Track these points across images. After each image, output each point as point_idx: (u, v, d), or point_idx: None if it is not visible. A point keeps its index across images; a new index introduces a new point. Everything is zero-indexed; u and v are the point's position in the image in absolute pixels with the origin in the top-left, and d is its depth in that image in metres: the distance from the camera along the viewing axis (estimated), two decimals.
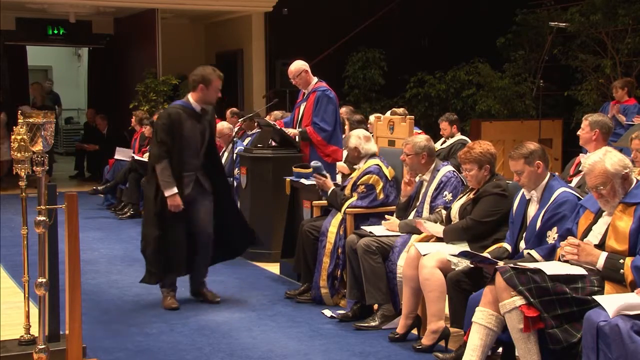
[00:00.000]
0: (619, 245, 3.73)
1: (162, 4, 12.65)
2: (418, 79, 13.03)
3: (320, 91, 7.07)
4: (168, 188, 5.38)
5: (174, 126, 5.42)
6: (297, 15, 13.00)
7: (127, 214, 9.59)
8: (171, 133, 5.41)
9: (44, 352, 3.80)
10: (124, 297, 5.97)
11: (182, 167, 5.47)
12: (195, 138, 5.51)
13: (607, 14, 11.22)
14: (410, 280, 4.73)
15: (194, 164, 5.56)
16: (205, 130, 5.59)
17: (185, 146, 5.46)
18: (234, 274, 6.64)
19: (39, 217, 3.83)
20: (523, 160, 4.30)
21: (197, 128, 5.52)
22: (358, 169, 5.79)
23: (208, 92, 5.49)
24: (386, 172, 5.66)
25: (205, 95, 5.50)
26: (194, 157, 5.55)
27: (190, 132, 5.48)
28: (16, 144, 3.76)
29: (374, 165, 5.67)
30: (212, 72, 5.51)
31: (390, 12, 13.37)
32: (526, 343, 3.75)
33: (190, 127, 5.48)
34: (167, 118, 5.47)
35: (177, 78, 12.65)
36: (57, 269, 4.16)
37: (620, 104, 9.48)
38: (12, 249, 7.19)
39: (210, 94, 5.51)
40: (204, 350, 4.70)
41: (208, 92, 5.49)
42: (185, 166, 5.49)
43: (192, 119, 5.50)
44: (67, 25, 13.88)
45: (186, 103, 5.56)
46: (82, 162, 13.97)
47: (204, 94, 5.50)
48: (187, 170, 5.51)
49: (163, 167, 5.38)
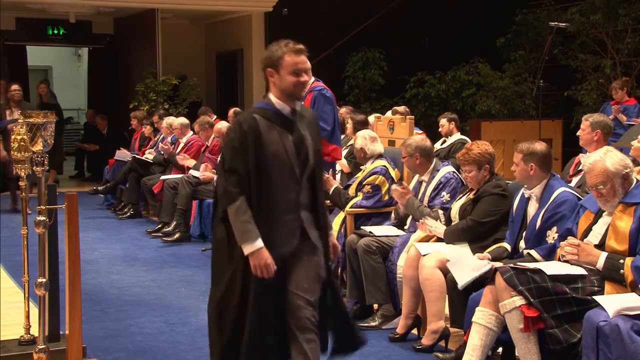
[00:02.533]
0: (619, 245, 3.73)
1: (162, 4, 12.65)
2: (418, 79, 13.03)
3: (316, 91, 7.06)
4: (248, 240, 3.34)
5: (250, 141, 3.38)
6: (297, 15, 12.99)
7: (127, 214, 9.59)
8: (245, 153, 3.38)
9: (44, 352, 3.80)
10: (124, 297, 5.97)
11: (271, 205, 3.43)
12: (287, 155, 3.43)
13: (607, 14, 11.23)
14: (410, 280, 4.73)
15: (292, 199, 3.46)
16: (303, 141, 3.48)
17: (272, 170, 3.41)
18: None
19: (39, 217, 3.83)
20: (522, 155, 4.33)
21: (288, 140, 3.44)
22: (364, 169, 5.80)
23: (281, 78, 3.45)
24: (392, 174, 5.67)
25: (281, 85, 3.47)
26: (291, 187, 3.46)
27: (277, 146, 3.42)
28: (16, 144, 3.76)
29: (380, 166, 5.68)
30: (281, 46, 3.47)
31: (390, 12, 13.37)
32: (526, 343, 3.75)
33: (277, 140, 3.43)
34: (238, 130, 3.41)
35: (177, 78, 12.66)
36: (57, 269, 4.16)
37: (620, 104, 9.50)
38: (12, 249, 7.19)
39: (284, 80, 3.44)
40: (204, 350, 4.69)
41: (281, 78, 3.45)
42: (277, 203, 3.44)
43: (280, 126, 3.45)
44: (67, 25, 13.89)
45: (267, 104, 3.51)
46: (82, 162, 13.98)
47: (279, 84, 3.47)
48: (280, 209, 3.45)
49: (238, 208, 3.35)
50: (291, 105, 3.49)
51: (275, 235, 3.41)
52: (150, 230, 8.51)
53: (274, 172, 3.41)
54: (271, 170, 3.40)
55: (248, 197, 3.36)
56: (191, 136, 9.44)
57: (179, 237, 8.03)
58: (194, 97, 12.91)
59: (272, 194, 3.41)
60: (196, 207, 8.18)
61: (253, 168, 3.36)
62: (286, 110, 3.48)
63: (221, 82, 14.81)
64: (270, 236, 3.38)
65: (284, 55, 3.42)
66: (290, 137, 3.45)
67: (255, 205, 3.37)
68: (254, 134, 3.38)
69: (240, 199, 3.35)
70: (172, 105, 12.44)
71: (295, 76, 3.41)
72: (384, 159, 5.75)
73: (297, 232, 3.46)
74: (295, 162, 3.44)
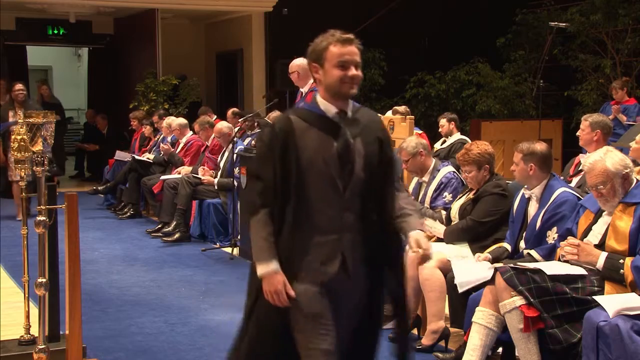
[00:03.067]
0: (619, 245, 3.73)
1: (162, 4, 12.65)
2: (418, 79, 13.03)
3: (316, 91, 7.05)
4: (262, 260, 2.85)
5: (280, 145, 2.86)
6: (297, 15, 12.99)
7: (127, 214, 9.58)
8: (273, 158, 2.86)
9: (44, 352, 3.80)
10: (124, 297, 5.97)
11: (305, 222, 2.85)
12: (326, 164, 2.86)
13: (607, 14, 11.23)
14: (410, 280, 4.71)
15: (332, 217, 2.87)
16: (349, 150, 2.88)
17: (308, 181, 2.85)
18: (234, 273, 6.64)
19: (39, 217, 3.83)
20: (521, 155, 4.33)
21: (330, 147, 2.87)
22: None
23: (326, 72, 2.91)
24: None
25: (326, 81, 2.92)
26: (332, 203, 2.86)
27: (314, 153, 2.85)
28: (16, 144, 3.76)
29: None
30: (327, 37, 2.92)
31: (390, 12, 13.37)
32: (526, 343, 3.75)
33: (316, 145, 2.86)
34: (269, 132, 2.97)
35: (177, 78, 12.66)
36: (57, 269, 4.16)
37: (620, 104, 9.50)
38: (12, 249, 7.19)
39: (329, 75, 2.90)
40: (204, 350, 4.70)
41: (326, 72, 2.91)
42: (313, 220, 2.86)
43: (321, 130, 2.89)
44: (67, 25, 13.88)
45: (311, 105, 2.99)
46: (82, 162, 13.98)
47: (324, 80, 2.93)
48: (316, 228, 2.86)
49: (258, 222, 2.87)
50: (340, 106, 2.92)
51: (307, 259, 2.83)
52: (150, 230, 8.51)
53: (309, 183, 2.85)
54: (306, 181, 2.84)
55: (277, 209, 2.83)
56: (191, 136, 9.45)
57: (179, 237, 8.03)
58: (194, 97, 12.90)
59: (306, 208, 2.84)
60: (196, 207, 8.18)
61: (283, 176, 2.83)
62: (331, 111, 2.90)
63: (221, 82, 14.81)
64: (300, 259, 2.83)
65: (328, 46, 2.89)
66: (334, 143, 2.86)
67: (285, 220, 2.83)
68: (285, 136, 2.85)
69: (262, 211, 2.84)
70: (172, 105, 12.43)
71: (342, 69, 2.86)
72: None
73: (335, 258, 2.84)
74: (336, 173, 2.85)
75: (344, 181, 2.86)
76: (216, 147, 8.73)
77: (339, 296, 2.88)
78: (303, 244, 2.85)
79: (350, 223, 2.87)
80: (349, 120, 2.92)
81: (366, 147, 2.90)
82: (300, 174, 2.84)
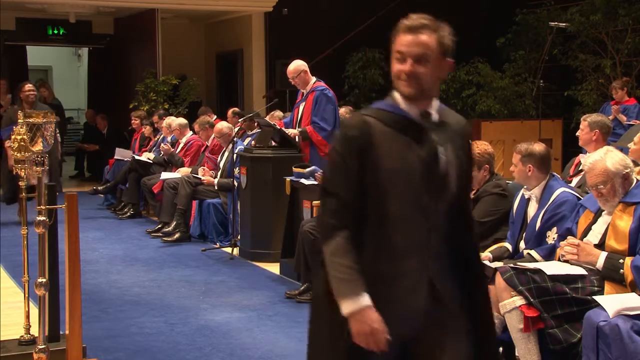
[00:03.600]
0: (619, 245, 3.73)
1: (162, 4, 12.65)
2: None
3: (318, 91, 7.08)
4: (348, 294, 2.34)
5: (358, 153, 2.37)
6: (297, 15, 13.00)
7: (127, 214, 9.58)
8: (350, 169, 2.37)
9: (44, 352, 3.79)
10: (124, 297, 5.96)
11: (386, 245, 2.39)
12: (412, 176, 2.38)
13: (607, 14, 11.23)
14: None
15: (417, 238, 2.40)
16: (437, 158, 2.40)
17: (389, 196, 2.37)
18: (234, 273, 6.64)
19: (39, 217, 3.83)
20: (520, 156, 4.34)
21: (416, 155, 2.38)
22: None
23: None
24: None
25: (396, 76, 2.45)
26: (417, 221, 2.40)
27: (399, 162, 2.37)
28: (16, 144, 3.76)
29: None
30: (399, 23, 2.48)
31: (390, 12, 13.36)
32: (526, 343, 3.75)
33: (400, 153, 2.38)
34: (342, 138, 2.43)
35: (177, 78, 12.66)
36: (57, 269, 4.16)
37: (620, 104, 9.50)
38: (12, 249, 7.19)
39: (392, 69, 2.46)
40: (204, 350, 4.70)
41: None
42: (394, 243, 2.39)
43: (403, 134, 2.40)
44: (67, 25, 13.89)
45: (388, 103, 2.47)
46: (82, 162, 13.99)
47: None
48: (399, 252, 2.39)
49: (336, 248, 2.36)
50: (422, 105, 2.40)
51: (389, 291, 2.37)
52: (150, 230, 8.51)
53: (390, 199, 2.35)
54: (387, 197, 2.35)
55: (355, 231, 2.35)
56: (191, 136, 9.45)
57: (179, 237, 8.03)
58: (194, 97, 12.91)
59: (387, 229, 2.36)
60: (196, 207, 8.18)
61: (360, 191, 2.35)
62: (414, 112, 2.40)
63: (221, 82, 14.81)
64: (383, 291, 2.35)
65: (396, 34, 2.45)
66: (419, 150, 2.37)
67: (364, 244, 2.36)
68: (364, 143, 2.35)
69: (341, 234, 2.34)
70: (172, 105, 12.44)
71: (398, 62, 2.40)
72: None
73: (421, 288, 2.37)
74: (423, 187, 2.37)
75: (432, 195, 2.38)
76: (216, 147, 8.73)
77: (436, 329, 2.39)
78: (386, 271, 2.37)
79: (439, 245, 2.41)
80: (436, 124, 2.42)
81: (457, 156, 2.42)
82: (381, 187, 2.35)
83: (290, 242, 6.18)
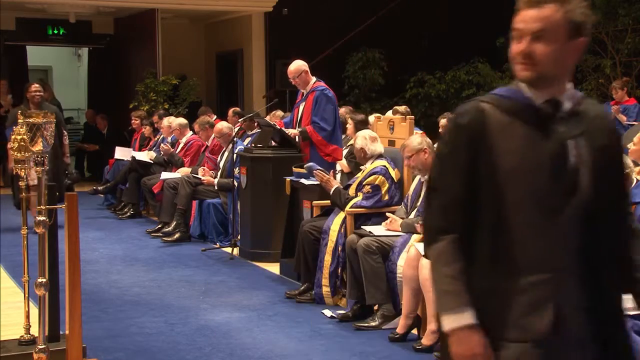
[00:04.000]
0: None
1: (162, 4, 12.66)
2: (418, 79, 13.04)
3: (318, 91, 7.09)
4: (450, 308, 2.05)
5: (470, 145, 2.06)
6: (297, 15, 13.00)
7: (127, 214, 9.59)
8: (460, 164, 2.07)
9: (44, 352, 3.79)
10: (124, 297, 5.97)
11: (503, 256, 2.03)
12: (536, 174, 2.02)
13: (607, 14, 11.24)
14: (410, 280, 4.73)
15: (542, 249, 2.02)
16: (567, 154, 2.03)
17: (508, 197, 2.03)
18: (234, 274, 6.64)
19: (39, 217, 3.83)
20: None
21: (542, 149, 2.03)
22: (364, 169, 5.80)
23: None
24: (392, 174, 5.67)
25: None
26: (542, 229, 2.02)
27: (520, 157, 2.03)
28: (16, 144, 3.76)
29: (380, 166, 5.67)
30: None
31: (390, 12, 13.37)
32: None
33: (522, 146, 2.03)
34: (452, 127, 2.14)
35: (177, 78, 12.67)
36: (57, 269, 4.16)
37: (620, 104, 9.50)
38: (12, 249, 7.20)
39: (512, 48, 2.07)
40: (204, 350, 4.70)
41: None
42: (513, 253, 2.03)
43: (527, 125, 2.05)
44: (67, 25, 13.89)
45: (511, 90, 2.10)
46: (82, 162, 13.99)
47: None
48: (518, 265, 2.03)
49: (440, 254, 2.09)
50: (550, 92, 2.04)
51: (501, 310, 2.01)
52: (150, 230, 8.51)
53: (510, 200, 2.01)
54: (506, 198, 2.01)
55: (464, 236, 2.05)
56: (191, 136, 9.45)
57: (179, 237, 8.03)
58: (194, 97, 12.91)
59: (505, 236, 2.02)
60: (196, 207, 8.18)
61: (473, 190, 2.03)
62: (540, 99, 2.04)
63: (221, 82, 14.82)
64: (493, 310, 2.02)
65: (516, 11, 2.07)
66: (544, 143, 2.02)
67: (476, 252, 2.04)
68: (476, 132, 2.03)
69: (447, 239, 2.05)
70: (172, 105, 12.44)
71: (515, 40, 2.04)
72: (384, 159, 5.74)
73: (545, 309, 1.99)
74: (550, 188, 2.01)
75: (559, 200, 2.01)
76: (216, 147, 8.73)
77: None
78: (501, 287, 2.01)
79: (567, 260, 2.02)
80: (567, 114, 2.05)
81: (593, 153, 2.04)
82: (497, 187, 2.01)
83: (290, 242, 6.19)
